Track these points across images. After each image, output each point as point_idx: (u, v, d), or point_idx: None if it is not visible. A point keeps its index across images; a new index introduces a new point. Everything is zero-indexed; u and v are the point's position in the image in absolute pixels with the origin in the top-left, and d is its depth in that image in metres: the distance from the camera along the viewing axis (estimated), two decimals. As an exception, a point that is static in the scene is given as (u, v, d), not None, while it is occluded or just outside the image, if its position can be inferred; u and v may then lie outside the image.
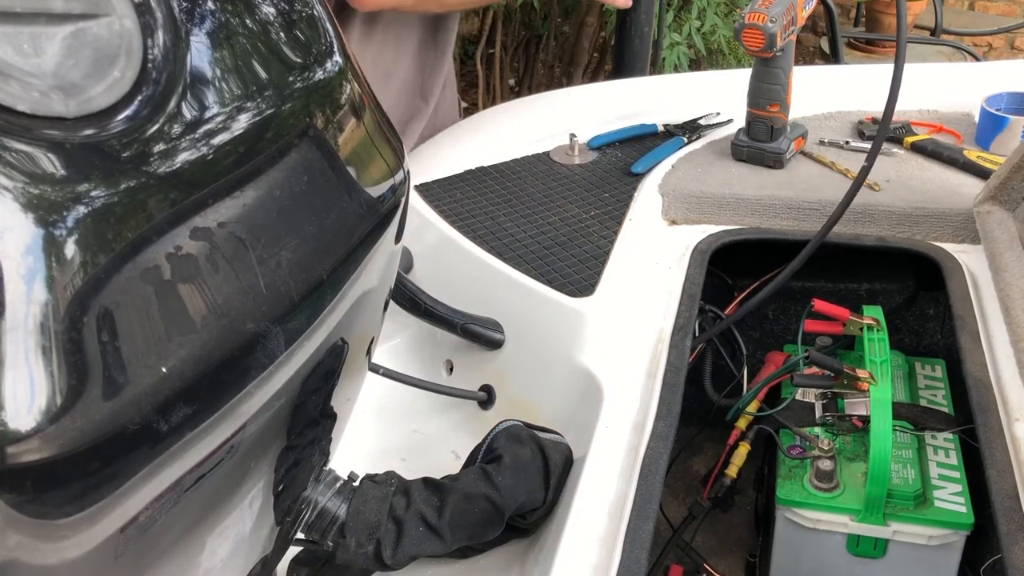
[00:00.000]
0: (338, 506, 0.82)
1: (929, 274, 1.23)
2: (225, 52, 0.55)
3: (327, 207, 0.58)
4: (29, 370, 0.42)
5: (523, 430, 0.95)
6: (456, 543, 0.87)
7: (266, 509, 0.75)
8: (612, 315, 1.12)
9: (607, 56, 3.66)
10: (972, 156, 1.33)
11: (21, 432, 0.41)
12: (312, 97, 0.60)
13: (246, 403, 0.54)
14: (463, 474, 0.92)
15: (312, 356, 0.60)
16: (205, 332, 0.49)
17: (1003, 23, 4.25)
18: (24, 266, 0.41)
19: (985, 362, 1.02)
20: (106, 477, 0.46)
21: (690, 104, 1.57)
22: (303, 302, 0.56)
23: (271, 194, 0.54)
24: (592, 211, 1.32)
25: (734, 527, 1.31)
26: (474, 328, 1.15)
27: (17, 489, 0.42)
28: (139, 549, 0.54)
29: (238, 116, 0.54)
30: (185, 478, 0.53)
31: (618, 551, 0.82)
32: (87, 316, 0.44)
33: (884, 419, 0.97)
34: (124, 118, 0.47)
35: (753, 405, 1.16)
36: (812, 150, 1.40)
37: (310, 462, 0.75)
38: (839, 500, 1.02)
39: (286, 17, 0.61)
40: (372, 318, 0.75)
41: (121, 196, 0.46)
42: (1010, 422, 0.94)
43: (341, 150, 0.62)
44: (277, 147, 0.56)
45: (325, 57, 0.63)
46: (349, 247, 0.61)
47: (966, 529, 0.99)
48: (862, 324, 1.13)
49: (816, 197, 1.26)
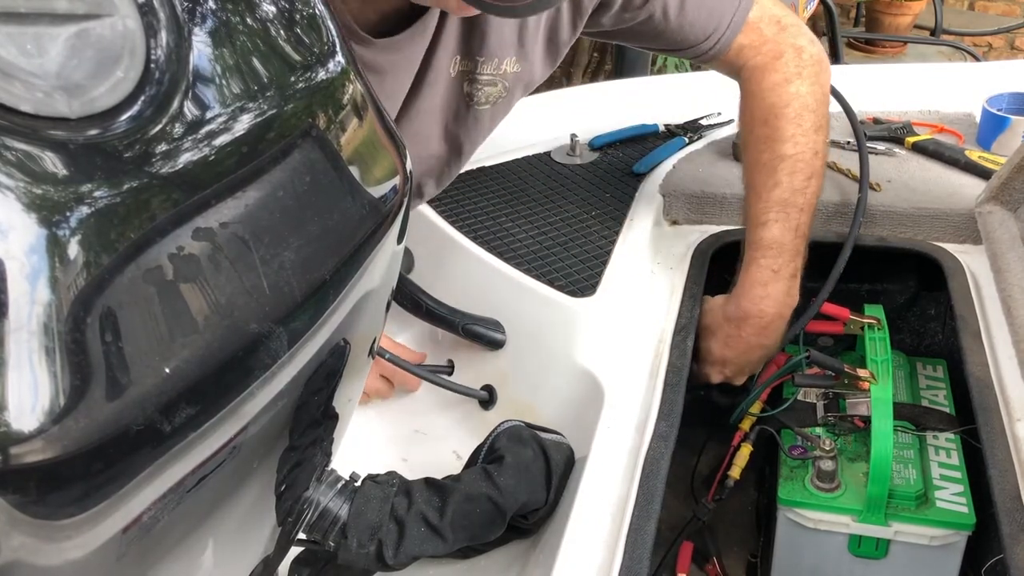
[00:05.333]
0: (340, 506, 0.82)
1: (930, 274, 1.23)
2: (227, 52, 0.55)
3: (330, 207, 0.58)
4: (32, 371, 0.42)
5: (525, 430, 0.95)
6: (458, 543, 0.87)
7: (268, 509, 0.75)
8: (613, 315, 1.12)
9: (607, 56, 3.66)
10: (973, 156, 1.33)
11: (24, 433, 0.41)
12: (315, 97, 0.60)
13: (249, 403, 0.54)
14: (465, 474, 0.92)
15: (315, 356, 0.60)
16: (208, 332, 0.49)
17: (1003, 23, 4.25)
18: (27, 266, 0.41)
19: (987, 362, 1.02)
20: (109, 478, 0.46)
21: (691, 104, 1.57)
22: (306, 302, 0.56)
23: (274, 194, 0.54)
24: (593, 211, 1.32)
25: (735, 527, 1.31)
26: (475, 328, 1.15)
27: (20, 490, 0.42)
28: (141, 550, 0.54)
29: (240, 116, 0.54)
30: (188, 479, 0.53)
31: (620, 551, 0.82)
32: (90, 316, 0.43)
33: (885, 418, 0.97)
34: (127, 118, 0.47)
35: (755, 405, 1.16)
36: (813, 150, 1.40)
37: (312, 462, 0.75)
38: (840, 500, 1.02)
39: (288, 16, 0.61)
40: (375, 318, 0.75)
41: (124, 196, 0.46)
42: (1012, 422, 0.94)
43: (344, 150, 0.62)
44: (280, 147, 0.56)
45: (327, 57, 0.62)
46: (352, 247, 0.60)
47: (968, 529, 0.99)
48: (863, 323, 1.14)
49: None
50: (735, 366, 1.15)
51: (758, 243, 1.13)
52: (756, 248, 1.13)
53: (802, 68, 1.18)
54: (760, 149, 1.16)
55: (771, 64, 1.18)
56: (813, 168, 1.14)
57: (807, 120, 1.15)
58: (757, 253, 1.13)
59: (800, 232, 1.13)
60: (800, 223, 1.13)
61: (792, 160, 1.14)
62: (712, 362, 1.15)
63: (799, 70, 1.17)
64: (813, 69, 1.18)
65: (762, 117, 1.17)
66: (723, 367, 1.15)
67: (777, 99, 1.16)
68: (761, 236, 1.13)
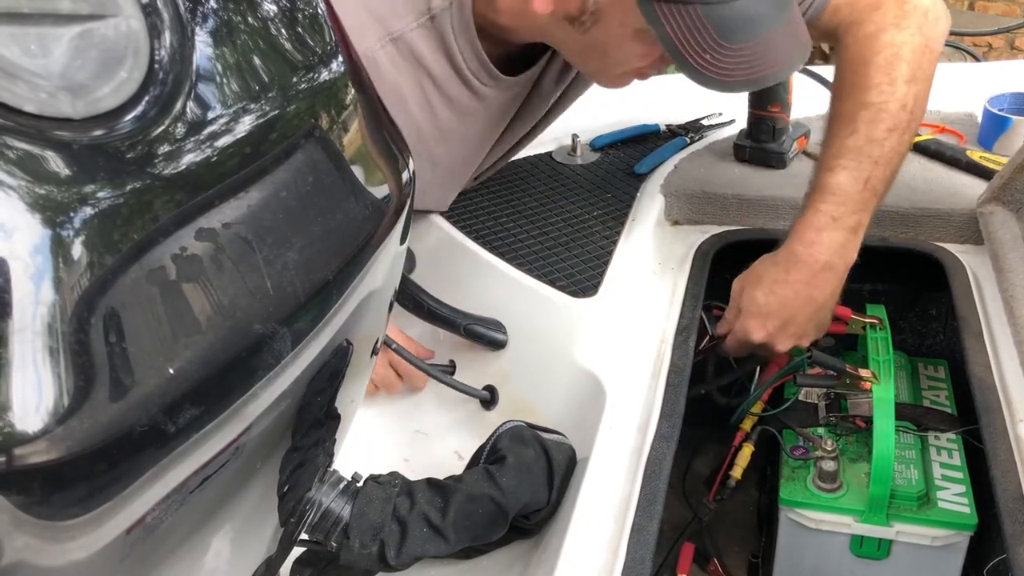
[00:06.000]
0: (342, 507, 0.82)
1: (932, 274, 1.23)
2: (231, 53, 0.55)
3: (333, 208, 0.58)
4: (36, 371, 0.41)
5: (526, 431, 0.95)
6: (460, 544, 0.87)
7: (271, 510, 0.75)
8: (615, 316, 1.12)
9: (608, 56, 3.65)
10: (975, 156, 1.33)
11: (28, 434, 0.41)
12: (317, 98, 0.60)
13: (252, 404, 0.54)
14: (467, 475, 0.92)
15: (318, 357, 0.60)
16: (212, 333, 0.49)
17: (1003, 23, 4.25)
18: (31, 267, 0.41)
19: (989, 363, 1.02)
20: (113, 479, 0.46)
21: (692, 104, 1.57)
22: (309, 303, 0.56)
23: (277, 195, 0.54)
24: (595, 212, 1.32)
25: (737, 527, 1.31)
26: (477, 329, 1.15)
27: (25, 491, 0.42)
28: (144, 550, 0.54)
29: (243, 117, 0.54)
30: (191, 479, 0.53)
31: (622, 552, 0.82)
32: (94, 317, 0.43)
33: (887, 418, 0.97)
34: (131, 119, 0.47)
35: (756, 406, 1.16)
36: (815, 150, 1.39)
37: (315, 463, 0.75)
38: (842, 501, 1.02)
39: (290, 17, 0.61)
40: (377, 319, 0.75)
41: (128, 197, 0.46)
42: (1014, 423, 0.94)
43: (346, 151, 0.62)
44: (283, 148, 0.56)
45: (330, 57, 0.62)
46: (355, 248, 0.60)
47: (970, 530, 0.99)
48: (865, 323, 1.13)
49: (819, 197, 1.26)
50: (779, 319, 1.06)
51: (821, 188, 1.06)
52: (818, 192, 1.06)
53: (902, 18, 1.08)
54: (842, 97, 1.09)
55: (866, 17, 1.10)
56: (897, 121, 1.05)
57: (898, 69, 1.06)
58: (817, 198, 1.06)
59: (871, 185, 1.05)
60: (872, 176, 1.04)
61: (875, 109, 1.05)
62: (755, 313, 1.07)
63: (897, 20, 1.08)
64: (915, 19, 1.09)
65: (850, 66, 1.09)
66: (766, 320, 1.07)
67: (867, 48, 1.08)
68: (826, 181, 1.05)
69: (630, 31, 0.98)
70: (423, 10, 1.03)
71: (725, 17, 0.91)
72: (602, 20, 0.97)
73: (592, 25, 0.98)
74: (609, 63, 1.06)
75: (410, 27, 1.03)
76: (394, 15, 1.03)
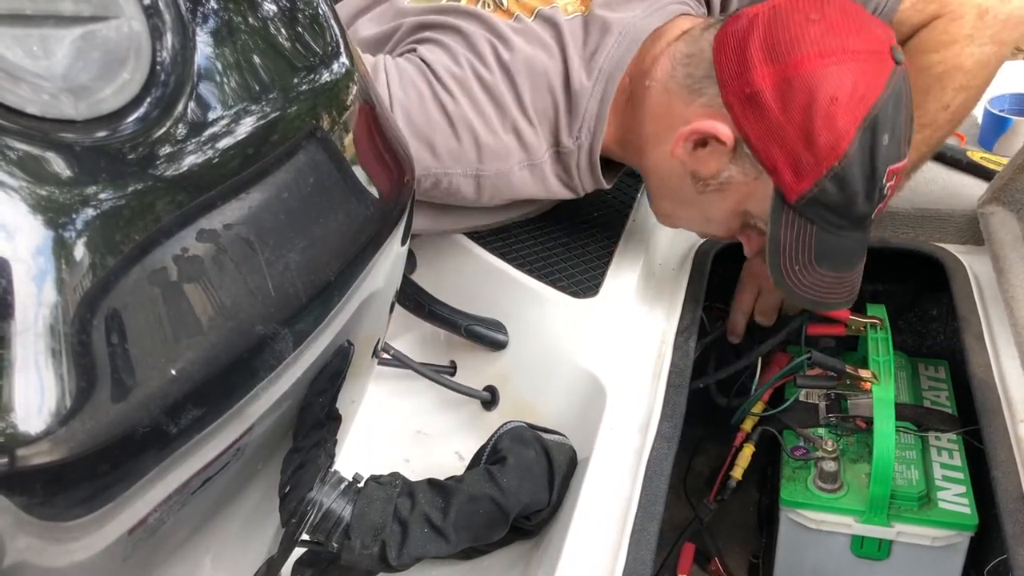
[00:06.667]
0: (343, 507, 0.82)
1: (932, 275, 1.23)
2: (232, 54, 0.55)
3: (334, 209, 0.58)
4: (39, 373, 0.42)
5: (527, 431, 0.95)
6: (461, 544, 0.87)
7: (272, 510, 0.75)
8: (616, 316, 1.12)
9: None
10: (975, 157, 1.33)
11: (31, 435, 0.41)
12: (319, 99, 0.60)
13: (254, 404, 0.54)
14: (467, 475, 0.92)
15: (319, 358, 0.60)
16: (214, 334, 0.49)
17: (1004, 23, 4.23)
18: (34, 268, 0.41)
19: (989, 363, 1.02)
20: (115, 479, 0.46)
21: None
22: (311, 304, 0.56)
23: (279, 196, 0.54)
24: (595, 212, 1.32)
25: (737, 528, 1.31)
26: (478, 329, 1.15)
27: (27, 492, 0.42)
28: (146, 551, 0.54)
29: (245, 118, 0.54)
30: (193, 480, 0.53)
31: (623, 552, 0.82)
32: (96, 318, 0.44)
33: (887, 419, 0.97)
34: (134, 120, 0.47)
35: (757, 406, 1.16)
36: (815, 151, 1.40)
37: (316, 464, 0.75)
38: (843, 501, 1.02)
39: (292, 18, 0.61)
40: (378, 320, 0.75)
41: (130, 199, 0.46)
42: (1015, 423, 0.94)
43: (348, 152, 0.62)
44: (284, 149, 0.56)
45: (332, 58, 0.63)
46: (356, 249, 0.61)
47: (970, 530, 0.99)
48: (865, 323, 1.13)
49: (819, 198, 1.26)
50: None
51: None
52: None
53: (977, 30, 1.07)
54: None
55: (937, 24, 1.08)
56: (933, 119, 1.07)
57: (955, 80, 1.08)
58: None
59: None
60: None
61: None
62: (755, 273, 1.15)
63: (973, 32, 1.07)
64: (993, 29, 1.08)
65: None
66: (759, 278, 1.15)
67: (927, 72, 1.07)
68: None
69: (741, 210, 1.01)
70: (552, 141, 1.05)
71: (828, 244, 0.96)
72: (724, 191, 1.00)
73: (711, 191, 1.00)
74: (694, 219, 1.09)
75: (543, 159, 1.05)
76: (537, 146, 1.05)
